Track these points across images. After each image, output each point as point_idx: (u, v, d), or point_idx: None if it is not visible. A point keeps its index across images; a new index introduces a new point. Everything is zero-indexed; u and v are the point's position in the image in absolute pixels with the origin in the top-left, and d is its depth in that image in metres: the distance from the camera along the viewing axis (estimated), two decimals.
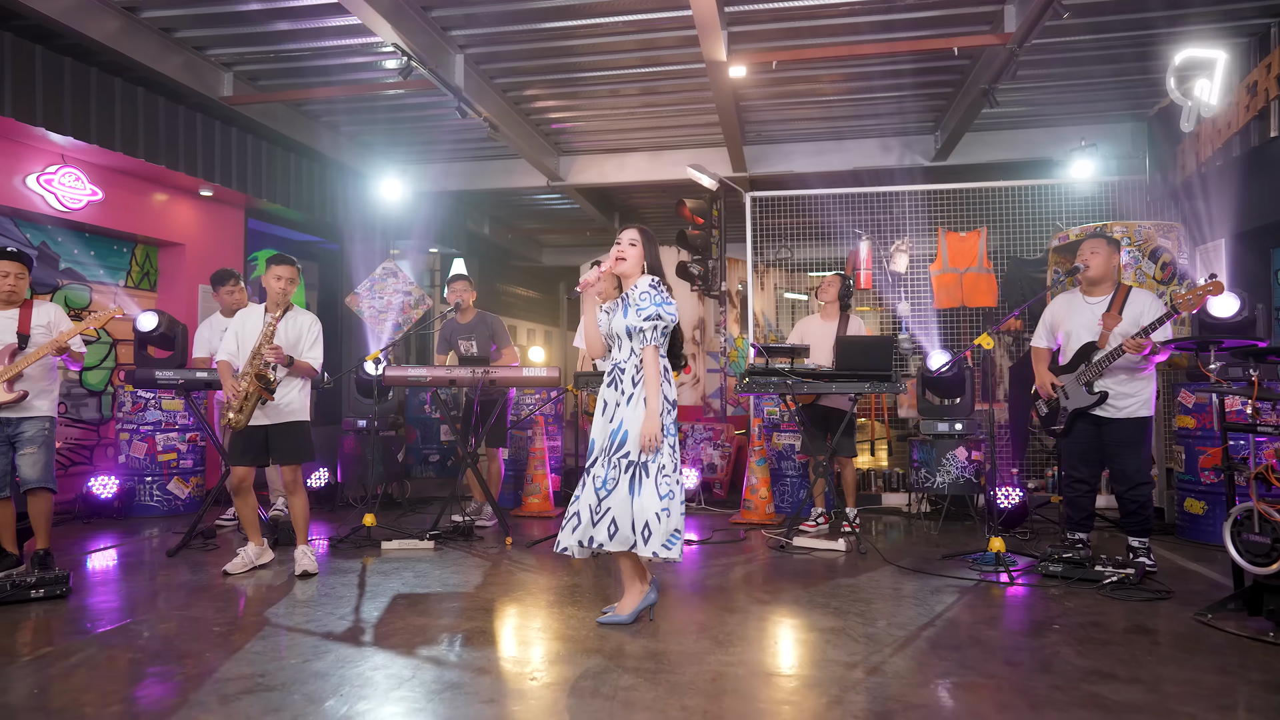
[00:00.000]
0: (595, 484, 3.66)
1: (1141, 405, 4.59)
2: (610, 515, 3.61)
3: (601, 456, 3.69)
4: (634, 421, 3.65)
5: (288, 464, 4.76)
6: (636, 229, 3.83)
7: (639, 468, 3.66)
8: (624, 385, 3.73)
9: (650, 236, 3.83)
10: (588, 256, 12.31)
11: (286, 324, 4.79)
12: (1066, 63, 6.84)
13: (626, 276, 3.82)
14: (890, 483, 6.97)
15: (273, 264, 4.74)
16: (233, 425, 4.60)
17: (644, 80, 7.28)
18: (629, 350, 3.76)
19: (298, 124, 7.93)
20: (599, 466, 3.68)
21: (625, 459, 3.65)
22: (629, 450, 3.65)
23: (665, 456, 3.69)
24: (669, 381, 3.79)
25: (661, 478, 3.68)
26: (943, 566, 4.84)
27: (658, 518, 3.64)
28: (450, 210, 10.63)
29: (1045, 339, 4.93)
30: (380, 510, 6.69)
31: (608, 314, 3.88)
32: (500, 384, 5.58)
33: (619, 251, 3.79)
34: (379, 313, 8.36)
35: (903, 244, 7.30)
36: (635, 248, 3.78)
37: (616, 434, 3.67)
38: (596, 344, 3.91)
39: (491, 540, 5.72)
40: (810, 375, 5.29)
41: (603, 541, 3.58)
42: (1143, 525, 4.62)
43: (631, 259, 3.77)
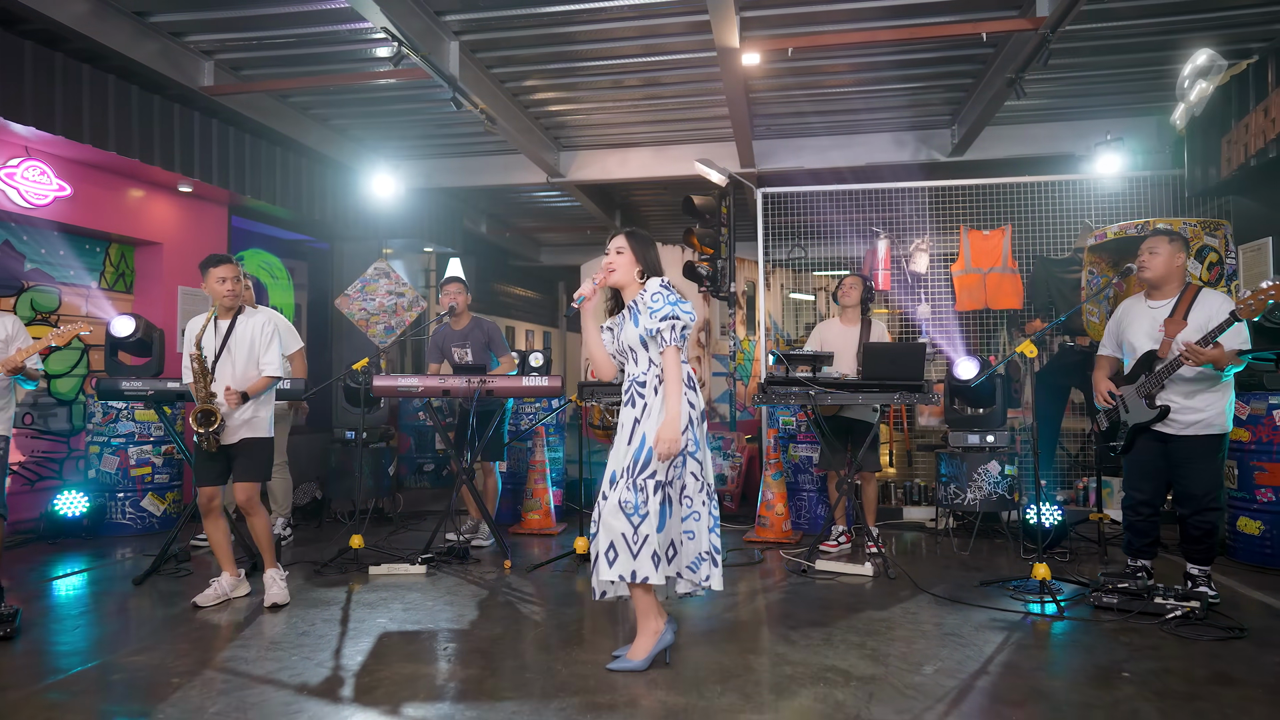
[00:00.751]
0: (624, 508, 3.21)
1: (1212, 420, 4.07)
2: (650, 544, 3.16)
3: (624, 479, 3.24)
4: (655, 435, 3.22)
5: (245, 482, 4.28)
6: (623, 234, 3.42)
7: (667, 488, 3.22)
8: (646, 399, 3.29)
9: (640, 238, 3.42)
10: (587, 256, 11.84)
11: (239, 330, 4.30)
12: (1096, 51, 6.37)
13: (623, 287, 3.41)
14: (911, 495, 6.51)
15: (209, 266, 4.25)
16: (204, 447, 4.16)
17: (648, 71, 6.80)
18: (647, 361, 3.32)
19: (284, 117, 7.44)
20: (625, 491, 3.22)
21: (652, 480, 3.20)
22: (655, 470, 3.20)
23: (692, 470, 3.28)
24: (694, 389, 3.35)
25: (683, 497, 3.29)
26: (982, 595, 4.37)
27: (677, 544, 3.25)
28: (445, 208, 10.15)
29: (1110, 346, 4.45)
30: (370, 527, 6.23)
31: (613, 330, 3.44)
32: (498, 394, 5.11)
33: (607, 263, 3.39)
34: (370, 315, 7.89)
35: (923, 243, 6.85)
36: (623, 255, 3.38)
37: (639, 453, 3.22)
38: (604, 364, 3.48)
39: (489, 562, 5.26)
40: (835, 385, 4.82)
41: (647, 574, 3.14)
42: (1206, 554, 4.15)
43: (621, 267, 3.37)
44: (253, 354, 4.31)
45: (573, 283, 14.71)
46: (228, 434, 4.21)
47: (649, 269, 3.39)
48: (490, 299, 13.14)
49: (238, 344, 4.28)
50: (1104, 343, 4.49)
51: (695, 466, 3.30)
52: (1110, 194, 6.85)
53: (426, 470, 8.40)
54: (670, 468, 3.22)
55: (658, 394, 3.27)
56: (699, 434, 3.32)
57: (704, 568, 3.31)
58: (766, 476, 5.83)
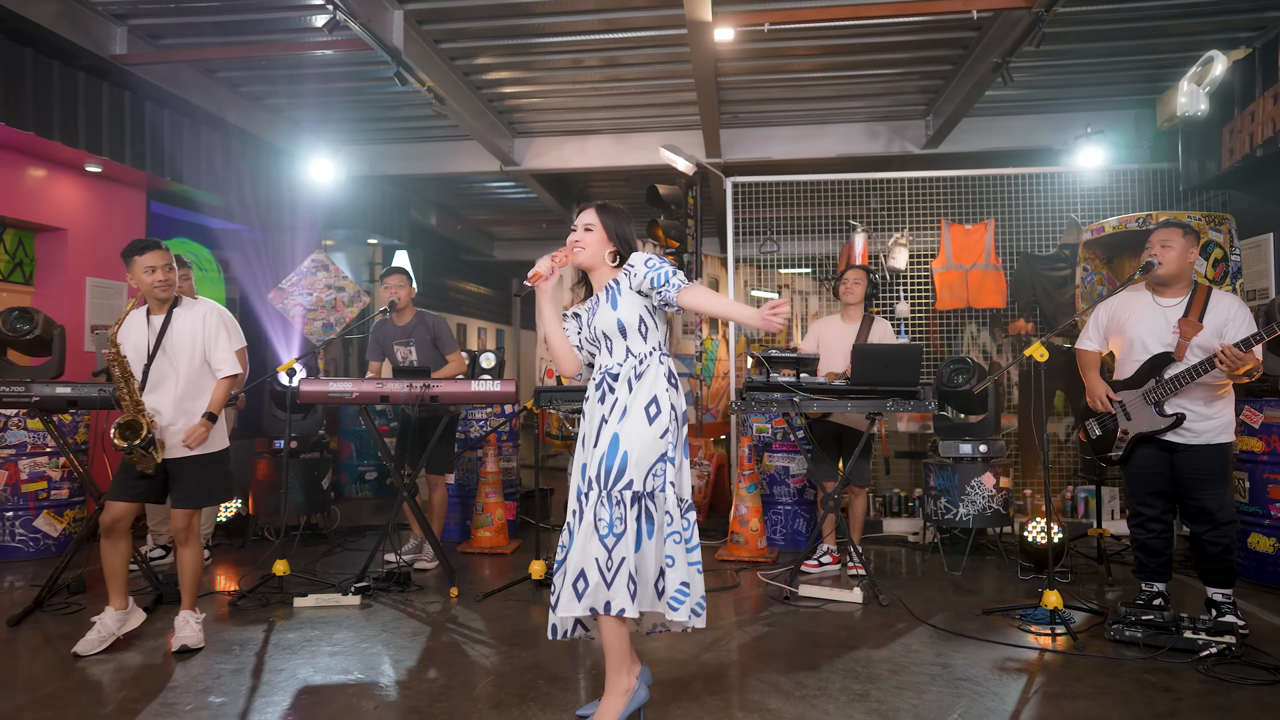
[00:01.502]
0: (598, 528, 2.62)
1: (1222, 429, 3.68)
2: (626, 568, 2.58)
3: (596, 493, 2.65)
4: (636, 441, 2.65)
5: (185, 508, 3.61)
6: (594, 208, 2.85)
7: (646, 500, 2.64)
8: (618, 394, 2.73)
9: (613, 212, 2.85)
10: (543, 250, 11.09)
11: (177, 325, 3.65)
12: (1080, 38, 5.94)
13: (591, 270, 2.85)
14: (891, 507, 6.02)
15: (133, 254, 3.58)
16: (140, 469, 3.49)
17: (610, 49, 6.21)
18: (624, 351, 2.76)
19: (212, 93, 6.68)
20: (599, 507, 2.64)
21: (629, 490, 2.62)
22: (632, 479, 2.62)
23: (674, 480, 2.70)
24: (676, 387, 2.79)
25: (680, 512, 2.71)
26: (987, 627, 3.87)
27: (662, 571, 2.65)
28: (391, 197, 9.42)
29: (1096, 340, 3.99)
30: (301, 547, 5.54)
31: (580, 317, 2.86)
32: (444, 399, 4.48)
33: (574, 238, 2.81)
34: (308, 311, 7.16)
35: (902, 237, 6.36)
36: (593, 232, 2.80)
37: (613, 460, 2.64)
38: (566, 358, 2.89)
39: (433, 588, 4.62)
40: (821, 391, 4.29)
41: (623, 605, 2.55)
42: (1227, 574, 3.71)
43: (590, 246, 2.80)
44: (196, 352, 3.65)
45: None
46: (168, 448, 3.55)
47: (624, 248, 2.82)
48: (440, 295, 12.41)
49: (177, 342, 3.61)
50: (1088, 335, 3.99)
51: (673, 474, 2.72)
52: (1094, 188, 6.45)
53: (368, 479, 7.72)
54: (650, 476, 2.64)
55: (633, 389, 2.71)
56: (680, 437, 2.75)
57: (685, 605, 2.66)
58: (740, 489, 5.28)
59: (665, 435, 2.68)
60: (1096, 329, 3.99)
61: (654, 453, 2.65)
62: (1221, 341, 3.55)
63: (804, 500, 5.46)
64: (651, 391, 2.69)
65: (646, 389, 2.69)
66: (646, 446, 2.64)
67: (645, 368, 2.72)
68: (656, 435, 2.66)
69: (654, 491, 2.64)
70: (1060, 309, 6.08)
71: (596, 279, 2.85)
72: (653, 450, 2.65)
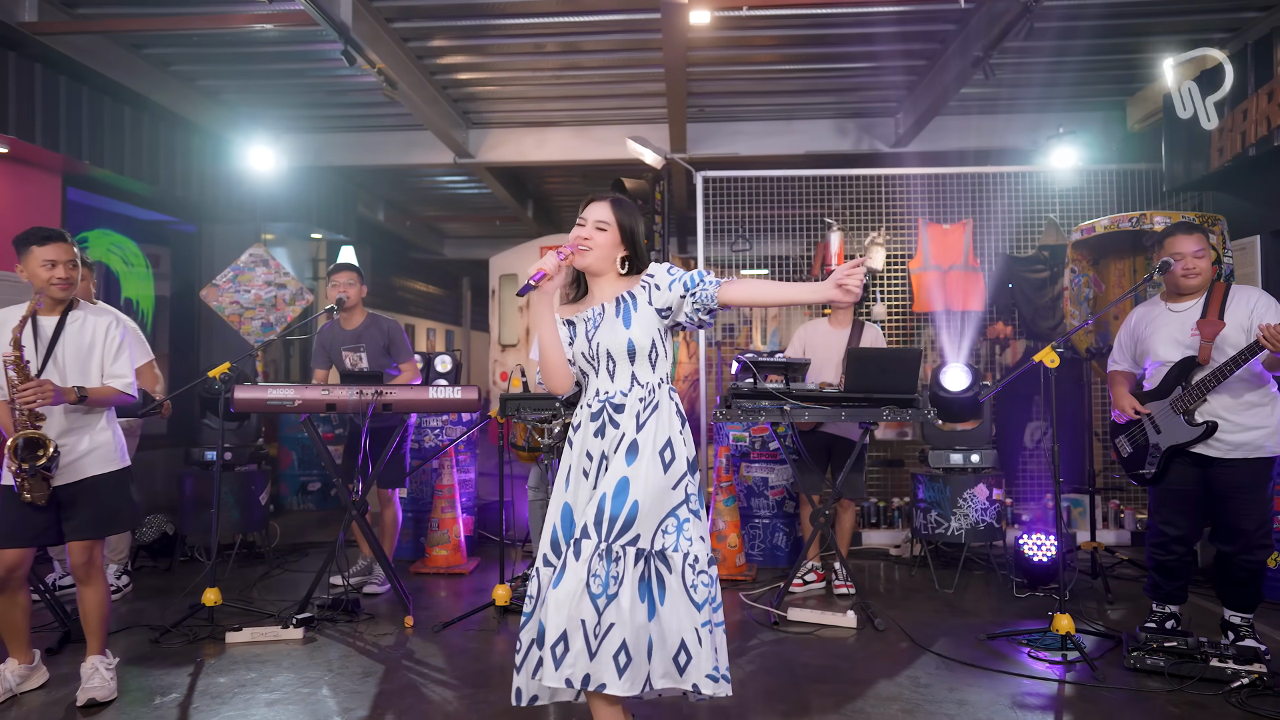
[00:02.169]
0: (590, 585, 2.19)
1: (1266, 438, 3.34)
2: (616, 636, 2.15)
3: (593, 543, 2.22)
4: (648, 489, 2.22)
5: (85, 539, 3.07)
6: (608, 202, 2.38)
7: (655, 561, 2.21)
8: (624, 429, 2.30)
9: (629, 210, 2.40)
10: (495, 249, 10.68)
11: (72, 331, 3.11)
12: (1058, 34, 5.68)
13: (595, 275, 2.40)
14: (869, 517, 5.70)
15: (30, 244, 3.04)
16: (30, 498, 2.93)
17: (572, 33, 5.77)
18: (628, 377, 2.34)
19: (139, 71, 6.05)
20: (595, 560, 2.20)
21: (633, 546, 2.19)
22: (639, 533, 2.20)
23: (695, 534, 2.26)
24: (685, 423, 2.37)
25: (695, 573, 2.23)
26: (994, 654, 3.55)
27: (698, 636, 2.19)
28: (337, 190, 8.82)
29: (1124, 361, 3.70)
30: (236, 569, 4.98)
31: (574, 326, 2.41)
32: (398, 409, 4.00)
33: (581, 236, 2.35)
34: (244, 309, 6.57)
35: (879, 236, 6.06)
36: (606, 232, 2.35)
37: (619, 507, 2.21)
38: (560, 372, 2.43)
39: (386, 616, 4.13)
40: (813, 399, 3.93)
41: (606, 681, 2.12)
42: (1251, 598, 3.44)
43: (601, 247, 2.35)
44: (91, 363, 3.10)
45: (479, 278, 13.43)
46: (60, 472, 3.00)
47: (637, 256, 2.39)
48: (387, 294, 11.80)
49: (68, 349, 3.07)
50: (1116, 357, 3.74)
51: (700, 527, 2.29)
52: (1070, 189, 6.24)
53: (311, 490, 7.14)
54: (661, 533, 2.22)
55: (642, 424, 2.28)
56: (697, 486, 2.33)
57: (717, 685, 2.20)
58: (717, 502, 4.89)
59: (680, 484, 2.27)
60: (1122, 350, 3.71)
61: (666, 504, 2.24)
62: (1249, 339, 3.25)
63: (783, 513, 5.10)
64: (665, 433, 2.29)
65: (660, 428, 2.29)
66: (659, 497, 2.23)
67: (655, 401, 2.31)
68: (669, 485, 2.25)
69: (665, 551, 2.21)
70: (1039, 312, 5.84)
71: (600, 286, 2.40)
72: (665, 501, 2.24)
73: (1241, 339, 3.30)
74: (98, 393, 3.06)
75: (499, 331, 9.63)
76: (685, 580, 2.20)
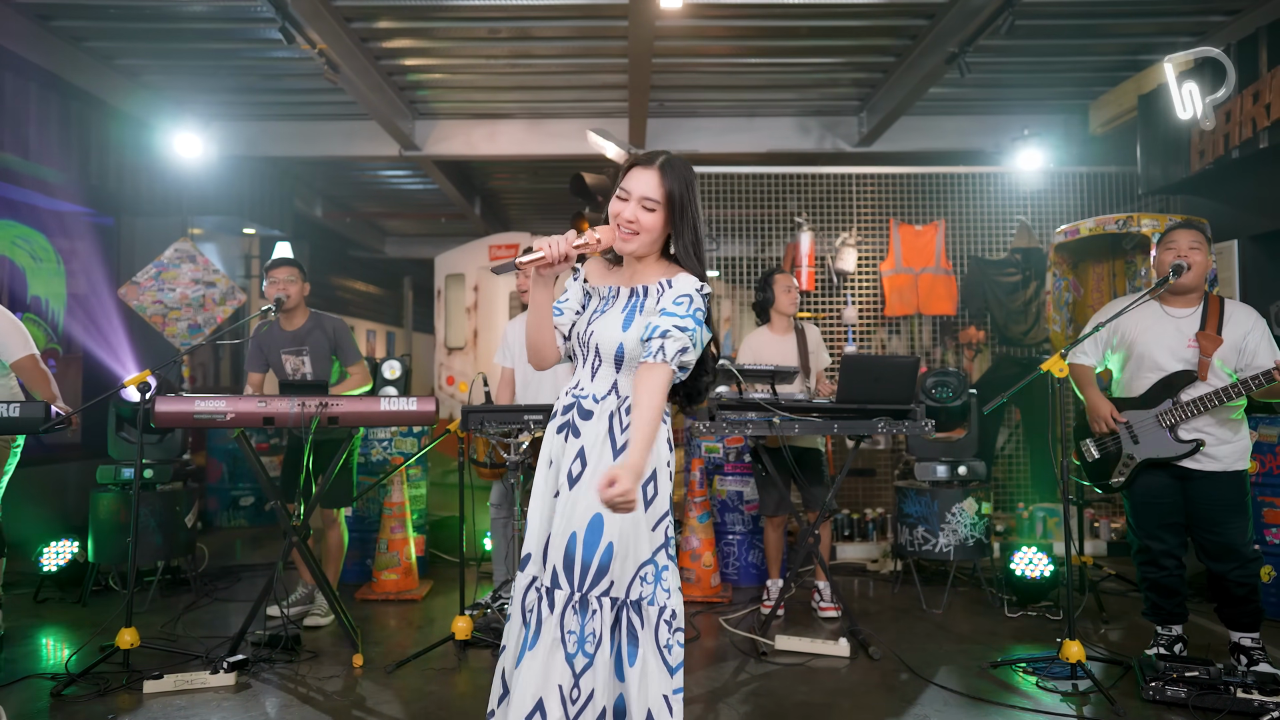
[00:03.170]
0: (565, 643, 1.82)
1: (1241, 454, 3.27)
2: (597, 705, 1.80)
3: (565, 594, 1.85)
4: (625, 530, 1.85)
5: None
6: (655, 169, 1.91)
7: (629, 611, 1.84)
8: (594, 437, 1.92)
9: (687, 182, 1.93)
10: (440, 248, 10.15)
11: None
12: (1026, 34, 5.50)
13: (639, 259, 1.98)
14: (842, 530, 5.43)
15: None
16: None
17: (526, 18, 5.36)
18: (608, 383, 1.95)
19: (44, 45, 5.42)
20: (569, 614, 1.83)
21: (608, 597, 1.83)
22: (614, 580, 1.83)
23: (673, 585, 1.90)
24: (669, 450, 1.97)
25: (670, 630, 1.87)
26: (1001, 684, 3.28)
27: (667, 705, 1.82)
28: (272, 182, 8.20)
29: (1093, 355, 3.50)
30: (159, 596, 4.44)
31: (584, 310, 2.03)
32: (346, 421, 3.54)
33: (625, 218, 1.90)
34: (169, 309, 5.97)
35: (850, 237, 5.80)
36: (655, 214, 1.90)
37: (591, 551, 1.84)
38: (545, 347, 2.02)
39: (330, 653, 3.66)
40: (805, 410, 3.61)
41: None
42: (1254, 616, 3.26)
43: (649, 231, 1.91)
44: None
45: (421, 278, 12.82)
46: None
47: (689, 250, 1.93)
48: (325, 294, 11.15)
49: None
50: (1084, 349, 3.50)
51: (676, 577, 1.94)
52: (1037, 191, 6.09)
53: (243, 505, 6.56)
54: (639, 580, 1.86)
55: (616, 446, 1.91)
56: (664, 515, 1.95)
57: None
58: (691, 519, 4.54)
59: (661, 525, 1.91)
60: (1095, 344, 3.49)
61: (645, 549, 1.88)
62: (1240, 361, 3.22)
63: (758, 529, 4.78)
64: (650, 464, 1.89)
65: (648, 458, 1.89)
66: (637, 539, 1.87)
67: None
68: (649, 525, 1.88)
69: (641, 601, 1.85)
70: (1011, 316, 5.66)
71: (631, 268, 2.00)
72: (644, 545, 1.88)
73: (1234, 358, 3.22)
74: None
75: (445, 334, 9.12)
76: (659, 638, 1.84)
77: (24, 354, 3.34)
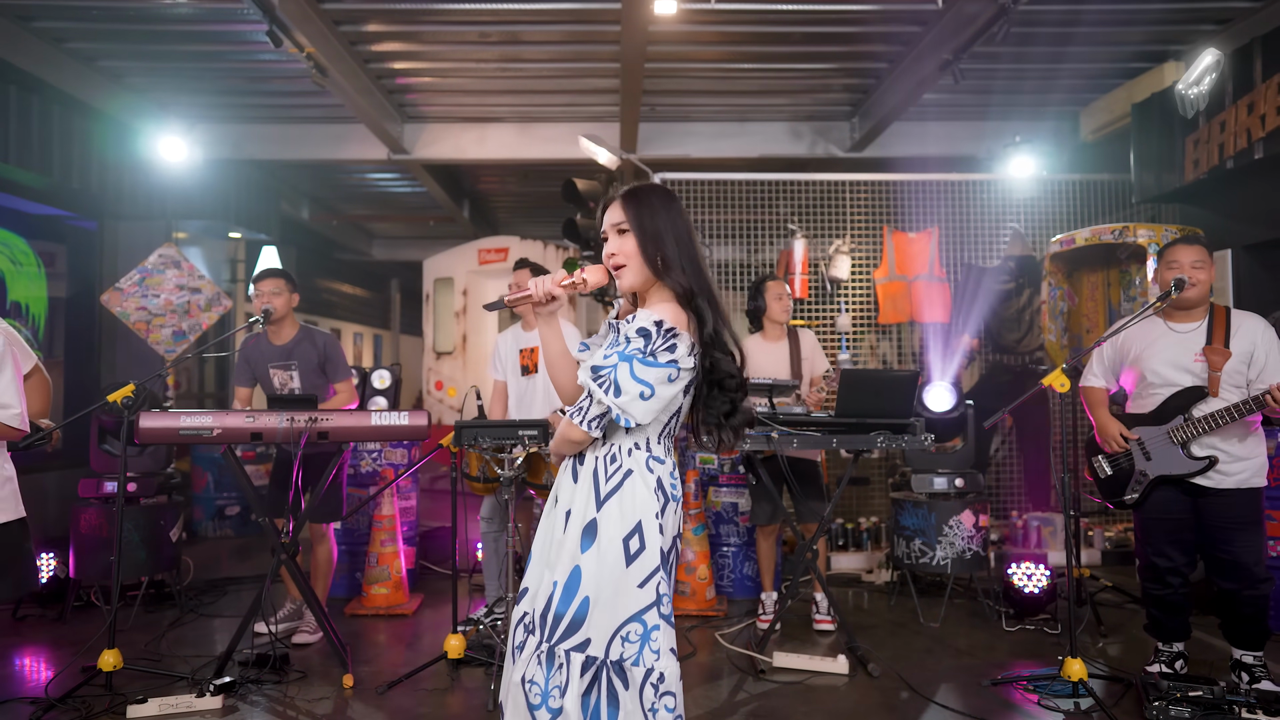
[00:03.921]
0: (529, 695, 1.75)
1: (1257, 471, 3.22)
2: None
3: (535, 640, 1.78)
4: (604, 583, 1.75)
5: None
6: (619, 201, 1.87)
7: (610, 672, 1.74)
8: (580, 485, 1.84)
9: (647, 205, 1.85)
10: (427, 250, 10.05)
11: None
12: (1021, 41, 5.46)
13: (643, 293, 1.90)
14: (836, 540, 5.38)
15: None
16: None
17: (517, 21, 5.28)
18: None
19: (25, 46, 5.29)
20: (533, 664, 1.77)
21: (580, 653, 1.74)
22: (590, 637, 1.74)
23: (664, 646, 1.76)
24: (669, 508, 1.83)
25: (656, 694, 1.74)
26: (1002, 703, 3.23)
27: None
28: (258, 185, 8.08)
29: (1102, 376, 3.47)
30: (142, 613, 4.33)
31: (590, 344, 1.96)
32: (336, 437, 3.45)
33: (608, 251, 1.85)
34: (153, 316, 5.85)
35: (843, 244, 5.75)
36: (629, 235, 1.83)
37: (566, 604, 1.76)
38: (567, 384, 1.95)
39: (320, 672, 3.58)
40: (804, 423, 3.55)
41: None
42: (1261, 635, 3.23)
43: (630, 257, 1.83)
44: None
45: (408, 280, 12.71)
46: None
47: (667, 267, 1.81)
48: (311, 297, 11.00)
49: None
50: (1093, 370, 3.48)
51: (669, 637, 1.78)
52: (1028, 198, 6.06)
53: (229, 515, 6.45)
54: (620, 640, 1.74)
55: (601, 497, 1.79)
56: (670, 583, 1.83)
57: None
58: (686, 531, 4.49)
59: (650, 583, 1.76)
60: (1102, 364, 3.47)
61: (629, 606, 1.75)
62: (1250, 373, 3.17)
63: (753, 540, 4.72)
64: (636, 516, 1.77)
65: (629, 511, 1.78)
66: (619, 595, 1.75)
67: (618, 470, 1.80)
68: (635, 583, 1.76)
69: (623, 662, 1.74)
70: (1005, 324, 5.64)
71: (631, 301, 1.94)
72: (628, 602, 1.76)
73: (1243, 370, 3.17)
74: None
75: (434, 338, 9.02)
76: (644, 701, 1.73)
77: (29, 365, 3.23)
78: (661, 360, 1.74)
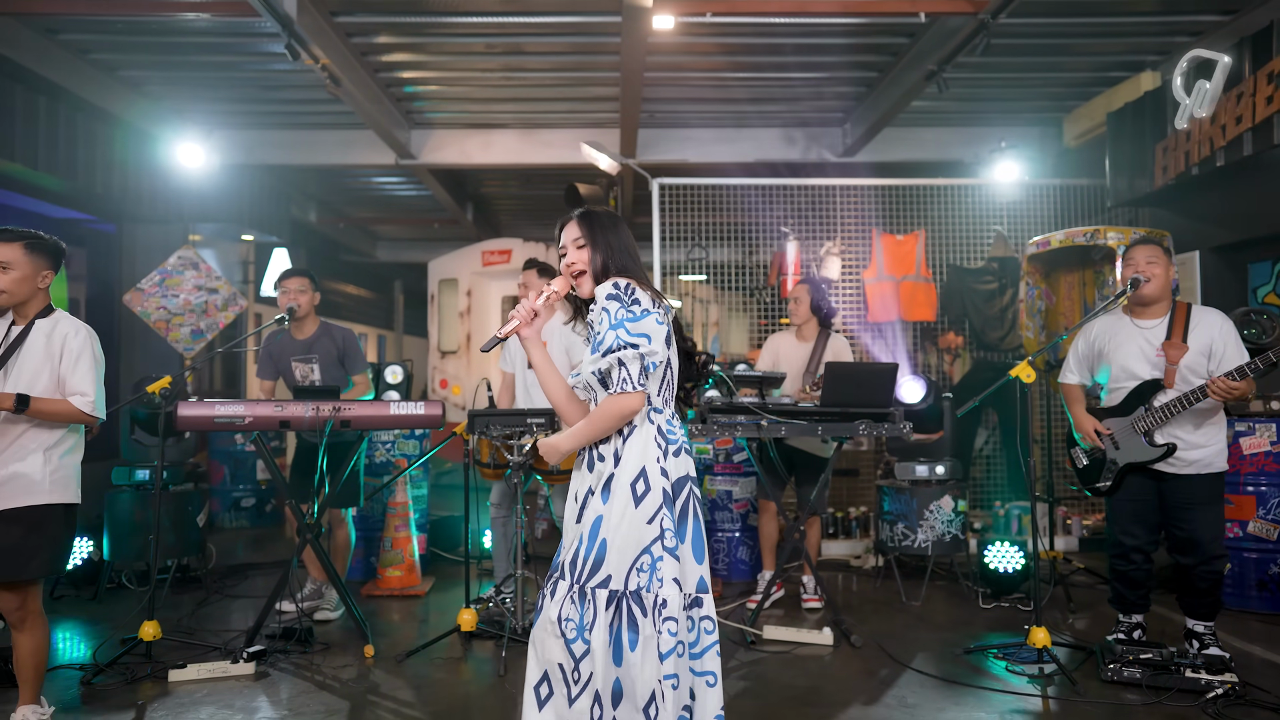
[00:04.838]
0: (564, 630, 2.07)
1: (1215, 456, 3.47)
2: (592, 688, 2.03)
3: (566, 585, 2.11)
4: (618, 526, 2.08)
5: (12, 585, 2.75)
6: (575, 220, 2.26)
7: (629, 601, 2.06)
8: (604, 463, 2.15)
9: (598, 221, 2.25)
10: (430, 252, 10.35)
11: (35, 343, 2.80)
12: (1001, 51, 5.76)
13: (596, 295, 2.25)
14: (827, 528, 5.68)
15: None
16: None
17: (521, 34, 5.58)
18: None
19: (52, 58, 5.59)
20: (567, 603, 2.08)
21: (605, 589, 2.06)
22: (610, 574, 2.06)
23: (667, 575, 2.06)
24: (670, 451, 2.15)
25: (660, 618, 2.04)
26: (974, 668, 3.54)
27: (660, 695, 2.02)
28: (269, 189, 8.39)
29: (1078, 373, 3.75)
30: (171, 596, 4.63)
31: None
32: (357, 425, 3.76)
33: (568, 263, 2.26)
34: (172, 315, 6.15)
35: (834, 246, 6.06)
36: (585, 250, 2.23)
37: (590, 547, 2.09)
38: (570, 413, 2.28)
39: (341, 645, 3.88)
40: (790, 413, 3.86)
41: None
42: (1213, 607, 3.51)
43: (590, 269, 2.23)
44: (43, 375, 2.78)
45: (412, 281, 13.04)
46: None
47: (610, 263, 2.21)
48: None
49: (28, 360, 2.77)
50: (1069, 367, 3.77)
51: (673, 567, 2.08)
52: (1012, 202, 6.37)
53: (245, 506, 6.75)
54: (635, 571, 2.05)
55: (620, 458, 2.12)
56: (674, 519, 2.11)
57: None
58: None
59: (656, 519, 2.07)
60: (1077, 361, 3.75)
61: (639, 541, 2.06)
62: (1210, 365, 3.41)
63: (747, 526, 5.03)
64: (640, 462, 2.10)
65: (634, 459, 2.11)
66: (630, 533, 2.06)
67: (631, 430, 2.13)
68: (643, 519, 2.07)
69: (640, 591, 2.04)
70: (988, 322, 5.94)
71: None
72: (638, 538, 2.06)
73: (1203, 362, 3.41)
74: (46, 404, 2.74)
75: (438, 338, 9.32)
76: (655, 625, 2.03)
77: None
78: (638, 312, 2.11)
